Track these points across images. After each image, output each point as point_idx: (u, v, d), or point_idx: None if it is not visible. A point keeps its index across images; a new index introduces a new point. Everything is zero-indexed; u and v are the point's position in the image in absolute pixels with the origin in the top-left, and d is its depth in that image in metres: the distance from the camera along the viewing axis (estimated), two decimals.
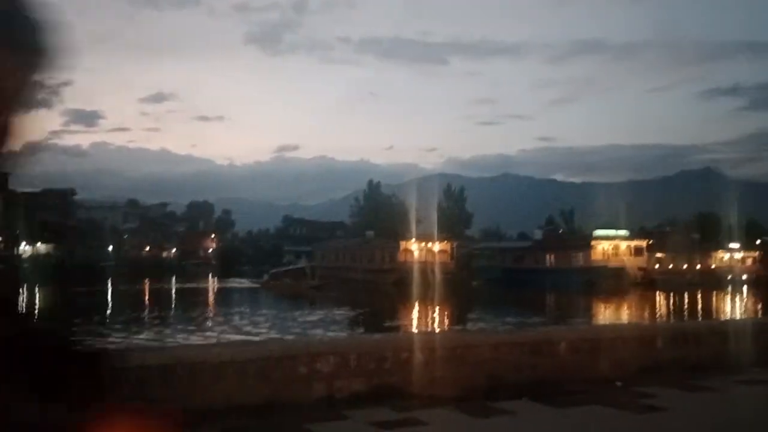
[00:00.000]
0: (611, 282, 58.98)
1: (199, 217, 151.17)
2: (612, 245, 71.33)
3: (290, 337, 21.19)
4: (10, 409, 0.78)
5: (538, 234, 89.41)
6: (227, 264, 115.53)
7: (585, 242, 72.92)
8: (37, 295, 56.15)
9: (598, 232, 74.30)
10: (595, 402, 6.50)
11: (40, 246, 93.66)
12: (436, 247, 69.74)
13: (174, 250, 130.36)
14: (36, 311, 1.03)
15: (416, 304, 40.69)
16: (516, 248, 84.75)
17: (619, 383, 7.29)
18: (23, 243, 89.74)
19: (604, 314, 39.80)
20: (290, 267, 74.37)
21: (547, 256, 75.09)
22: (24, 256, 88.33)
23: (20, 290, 1.09)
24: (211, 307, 45.09)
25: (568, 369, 7.37)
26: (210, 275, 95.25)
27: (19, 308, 0.90)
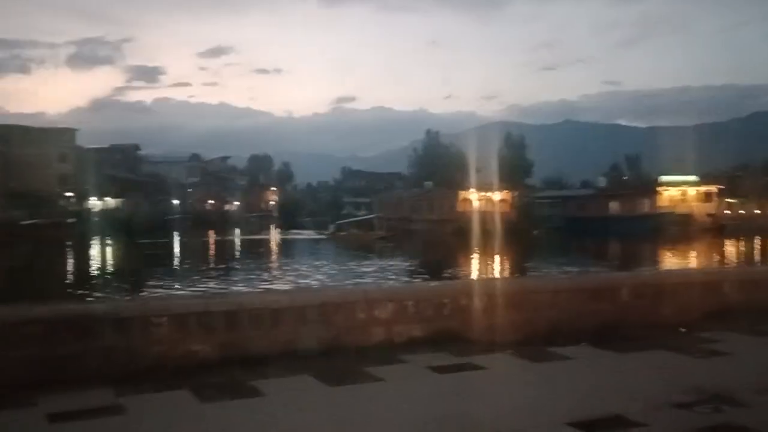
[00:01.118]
0: (678, 229, 57.42)
1: (259, 170, 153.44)
2: (680, 191, 69.09)
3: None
4: None
5: (601, 181, 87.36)
6: (288, 216, 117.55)
7: (651, 188, 70.86)
8: (109, 247, 58.45)
9: (665, 179, 71.95)
10: (657, 347, 6.39)
11: (109, 200, 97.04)
12: (496, 196, 69.05)
13: (236, 203, 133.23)
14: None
15: (476, 254, 40.58)
16: (579, 196, 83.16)
17: (682, 329, 7.14)
18: (93, 197, 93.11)
19: (670, 261, 38.85)
20: (357, 218, 74.37)
21: (611, 204, 73.45)
22: (94, 210, 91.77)
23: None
24: (277, 257, 45.92)
25: (629, 315, 7.25)
26: (272, 227, 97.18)
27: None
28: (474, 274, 31.66)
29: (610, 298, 7.34)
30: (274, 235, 79.10)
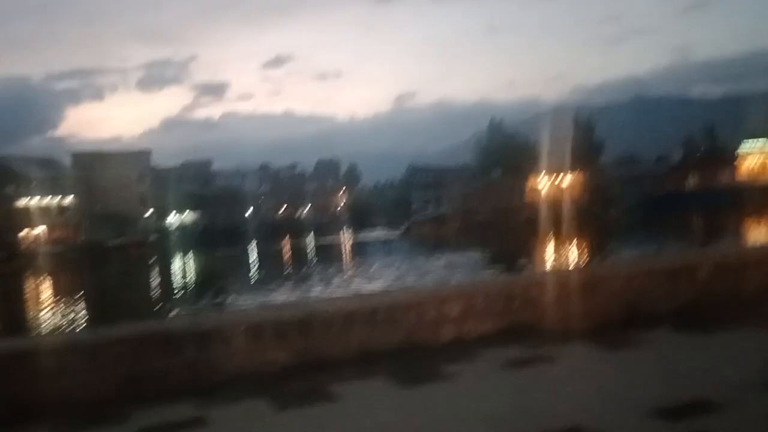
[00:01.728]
0: (759, 200, 54.81)
1: (327, 174, 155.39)
2: (759, 160, 65.95)
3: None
4: None
5: (676, 156, 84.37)
6: (358, 217, 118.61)
7: (728, 160, 67.97)
8: (190, 261, 60.33)
9: (745, 144, 68.65)
10: (743, 327, 6.13)
11: (187, 215, 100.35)
12: (567, 180, 67.66)
13: (307, 208, 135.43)
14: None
15: (551, 241, 39.89)
16: (653, 173, 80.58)
17: None
18: (171, 214, 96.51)
19: (753, 235, 37.13)
20: (429, 214, 73.57)
21: (688, 178, 70.82)
22: (173, 226, 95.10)
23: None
24: (357, 261, 45.82)
25: (711, 295, 6.97)
26: (343, 229, 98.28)
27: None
28: (551, 263, 31.15)
29: (689, 278, 7.08)
30: (347, 238, 79.89)
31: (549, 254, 35.26)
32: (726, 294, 7.03)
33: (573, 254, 34.12)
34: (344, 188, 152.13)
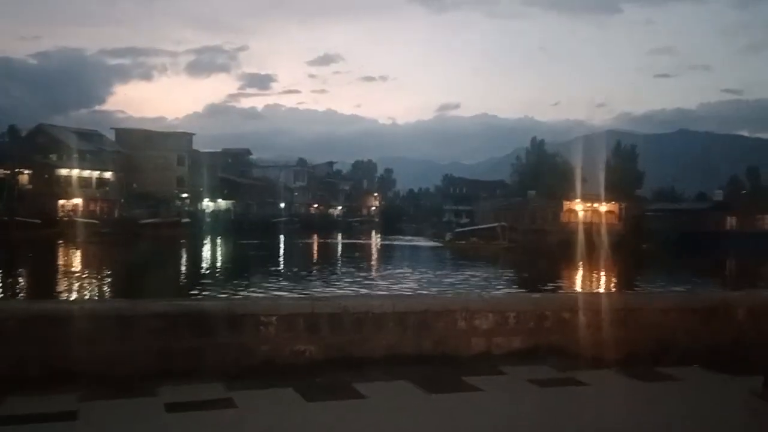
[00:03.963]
0: None
1: (363, 175, 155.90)
2: None
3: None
4: None
5: (718, 194, 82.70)
6: (389, 221, 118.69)
7: None
8: (220, 247, 60.94)
9: None
10: None
11: (221, 202, 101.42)
12: (603, 208, 66.76)
13: (340, 207, 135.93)
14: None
15: (581, 267, 39.44)
16: (693, 209, 79.09)
17: None
18: (206, 199, 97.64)
19: None
20: (479, 226, 71.69)
21: (728, 219, 69.42)
22: (207, 211, 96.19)
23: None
24: (394, 265, 45.09)
25: (746, 337, 6.85)
26: (373, 233, 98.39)
27: None
28: (583, 288, 30.83)
29: (724, 318, 6.98)
30: (378, 241, 79.88)
31: (580, 279, 34.84)
32: (761, 337, 6.90)
33: (605, 282, 33.68)
34: (378, 192, 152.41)
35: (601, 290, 29.33)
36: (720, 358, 6.32)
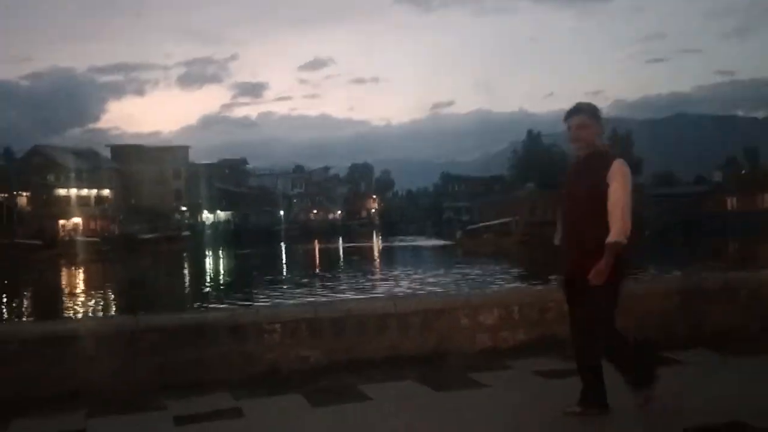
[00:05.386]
0: None
1: (360, 178, 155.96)
2: None
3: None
4: None
5: (717, 176, 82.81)
6: (390, 223, 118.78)
7: None
8: (222, 259, 60.93)
9: None
10: None
11: (220, 213, 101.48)
12: None
13: (339, 211, 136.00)
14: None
15: None
16: (692, 193, 79.18)
17: None
18: (205, 211, 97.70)
19: None
20: (492, 222, 69.68)
21: (729, 200, 69.44)
22: (206, 222, 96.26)
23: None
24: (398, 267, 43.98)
25: (749, 318, 6.86)
26: (374, 235, 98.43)
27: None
28: None
29: (727, 300, 6.98)
30: (377, 243, 79.79)
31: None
32: (765, 319, 6.91)
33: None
34: (376, 194, 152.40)
35: None
36: (725, 339, 6.33)
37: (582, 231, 4.26)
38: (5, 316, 26.49)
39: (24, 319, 24.97)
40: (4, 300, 31.20)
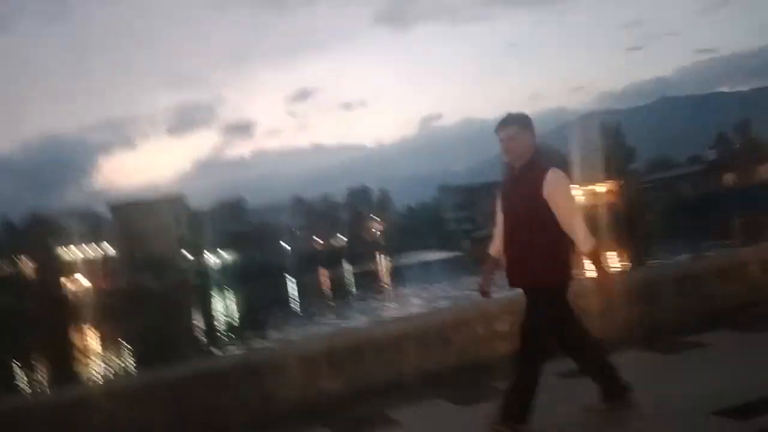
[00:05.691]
0: None
1: (360, 201, 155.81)
2: None
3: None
4: None
5: (711, 154, 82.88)
6: (396, 242, 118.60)
7: (766, 153, 66.52)
8: (232, 299, 60.66)
9: None
10: None
11: (224, 254, 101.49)
12: (599, 189, 66.87)
13: (342, 236, 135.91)
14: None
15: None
16: (688, 173, 79.24)
17: None
18: (209, 254, 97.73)
19: None
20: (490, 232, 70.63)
21: (725, 176, 69.46)
22: (212, 265, 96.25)
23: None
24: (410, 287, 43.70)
25: (763, 292, 6.83)
26: (380, 255, 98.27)
27: None
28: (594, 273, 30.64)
29: (738, 277, 6.96)
30: (386, 263, 79.43)
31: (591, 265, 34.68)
32: None
33: (615, 262, 33.59)
34: (377, 214, 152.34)
35: (614, 272, 29.19)
36: (742, 317, 6.30)
37: (523, 242, 4.30)
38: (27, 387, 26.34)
39: (43, 388, 24.83)
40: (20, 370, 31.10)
